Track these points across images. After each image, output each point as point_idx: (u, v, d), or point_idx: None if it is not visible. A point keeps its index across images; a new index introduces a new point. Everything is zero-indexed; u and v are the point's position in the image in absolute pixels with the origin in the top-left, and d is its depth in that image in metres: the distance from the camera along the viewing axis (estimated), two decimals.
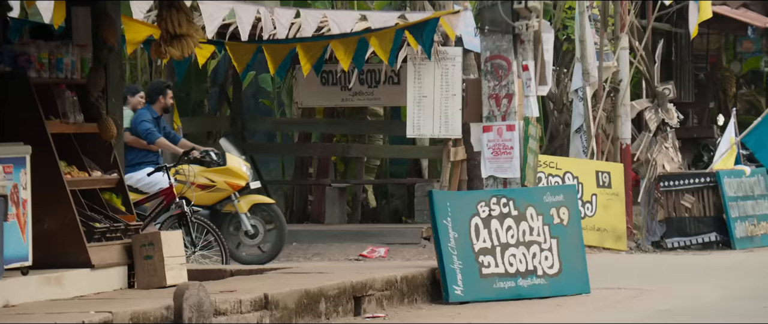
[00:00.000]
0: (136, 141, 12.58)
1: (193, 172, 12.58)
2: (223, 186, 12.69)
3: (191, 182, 12.47)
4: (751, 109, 22.79)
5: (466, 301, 9.96)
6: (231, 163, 12.79)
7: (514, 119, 10.63)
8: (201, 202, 12.71)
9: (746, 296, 10.17)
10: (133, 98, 12.87)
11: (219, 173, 12.73)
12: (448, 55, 13.54)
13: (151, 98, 12.72)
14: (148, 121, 12.59)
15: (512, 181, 10.69)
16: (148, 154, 12.71)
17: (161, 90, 12.77)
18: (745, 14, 20.28)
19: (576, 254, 10.39)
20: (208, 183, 12.66)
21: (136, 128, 12.61)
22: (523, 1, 10.59)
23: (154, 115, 12.67)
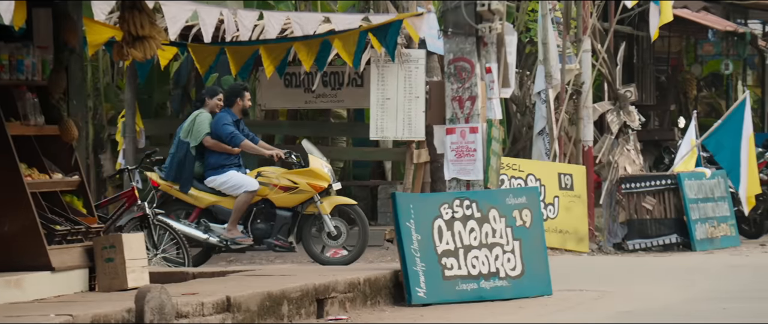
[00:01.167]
0: (216, 145, 12.57)
1: (277, 173, 12.57)
2: (305, 187, 12.69)
3: (274, 184, 12.42)
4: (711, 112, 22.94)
5: (428, 303, 9.97)
6: (313, 164, 12.79)
7: (477, 121, 10.65)
8: (283, 204, 12.73)
9: (706, 298, 10.24)
10: (211, 100, 12.79)
11: (301, 175, 12.74)
12: (411, 58, 13.55)
13: (229, 101, 12.69)
14: (229, 124, 12.57)
15: (475, 183, 10.71)
16: (230, 156, 12.68)
17: (239, 92, 12.75)
18: (706, 17, 20.41)
19: (538, 256, 10.43)
20: (290, 185, 12.67)
21: (217, 132, 12.57)
22: (487, 3, 10.61)
23: (233, 117, 12.65)
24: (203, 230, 12.58)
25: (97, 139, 16.42)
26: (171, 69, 16.84)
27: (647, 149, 18.78)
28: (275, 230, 12.65)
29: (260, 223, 12.68)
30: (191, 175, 12.58)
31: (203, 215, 12.64)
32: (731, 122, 15.88)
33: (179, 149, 12.64)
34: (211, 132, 12.54)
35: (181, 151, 12.61)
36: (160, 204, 12.59)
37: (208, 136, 12.53)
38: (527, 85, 16.76)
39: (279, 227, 12.65)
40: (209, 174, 12.59)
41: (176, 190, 12.61)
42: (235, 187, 12.50)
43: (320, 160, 12.81)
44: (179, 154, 12.63)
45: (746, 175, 15.82)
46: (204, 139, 12.53)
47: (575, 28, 16.09)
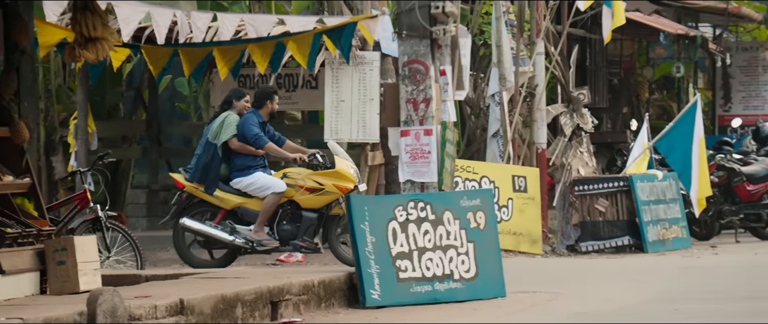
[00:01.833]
0: (242, 147, 12.50)
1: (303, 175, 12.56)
2: (331, 189, 12.66)
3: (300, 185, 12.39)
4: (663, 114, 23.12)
5: (383, 306, 9.98)
6: (339, 165, 12.76)
7: (432, 124, 10.67)
8: (309, 205, 12.70)
9: (659, 299, 10.31)
10: (238, 102, 12.74)
11: (327, 176, 12.72)
12: (365, 60, 13.55)
13: (259, 103, 12.63)
14: (255, 125, 12.51)
15: (429, 185, 10.73)
16: (256, 158, 12.63)
17: (269, 95, 12.69)
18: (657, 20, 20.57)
19: (492, 258, 10.46)
20: (316, 186, 12.64)
21: (242, 133, 12.51)
22: (441, 6, 10.63)
23: (260, 119, 12.59)
24: (229, 232, 12.55)
25: (49, 141, 16.30)
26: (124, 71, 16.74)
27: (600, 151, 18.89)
28: (301, 232, 12.64)
29: (286, 225, 12.67)
30: (217, 177, 12.54)
31: (228, 217, 12.61)
32: (682, 125, 16.00)
33: (206, 151, 12.59)
34: (237, 134, 12.49)
35: (207, 152, 12.56)
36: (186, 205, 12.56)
37: (235, 138, 12.46)
38: (481, 88, 16.81)
39: (305, 229, 12.63)
40: (235, 175, 12.55)
41: (201, 191, 12.57)
42: (262, 188, 12.48)
43: (346, 161, 12.83)
44: (206, 156, 12.58)
45: (697, 178, 15.95)
46: (230, 141, 12.50)
47: (529, 31, 16.16)
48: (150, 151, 16.26)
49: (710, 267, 13.41)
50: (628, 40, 22.19)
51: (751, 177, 17.27)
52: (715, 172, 17.23)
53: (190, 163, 12.70)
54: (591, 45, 20.70)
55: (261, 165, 12.64)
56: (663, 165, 16.63)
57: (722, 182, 17.29)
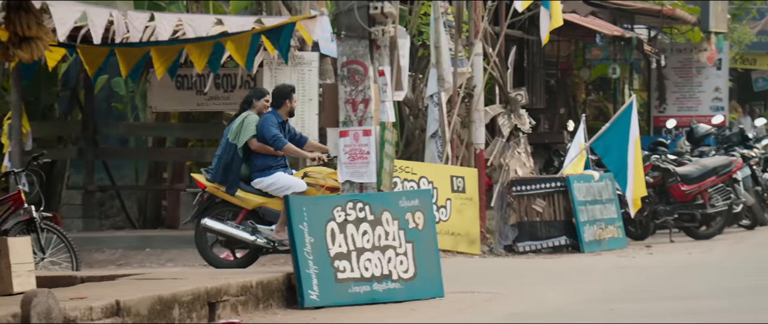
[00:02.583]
0: (262, 147, 12.39)
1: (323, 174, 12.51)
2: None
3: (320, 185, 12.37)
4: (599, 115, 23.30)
5: (321, 306, 9.97)
6: None
7: (371, 124, 10.68)
8: None
9: (595, 299, 10.39)
10: (258, 102, 12.60)
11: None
12: (304, 60, 13.53)
13: (277, 102, 12.49)
14: (274, 126, 12.40)
15: (368, 185, 10.73)
16: (276, 158, 12.53)
17: (287, 94, 12.56)
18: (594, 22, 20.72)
19: (431, 258, 10.48)
20: (337, 185, 12.56)
21: (261, 133, 12.41)
22: (379, 6, 10.64)
23: (279, 119, 12.47)
24: (250, 232, 12.50)
25: None
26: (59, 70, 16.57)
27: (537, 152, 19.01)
28: None
29: None
30: (238, 177, 12.47)
31: (250, 216, 12.57)
32: (618, 126, 16.14)
33: (226, 151, 12.52)
34: (257, 134, 12.44)
35: (228, 152, 12.49)
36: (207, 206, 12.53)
37: (254, 138, 12.39)
38: (420, 88, 16.84)
39: None
40: (256, 176, 12.50)
41: (223, 192, 12.50)
42: (283, 188, 12.43)
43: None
44: (226, 156, 12.51)
45: (633, 178, 16.09)
46: (250, 142, 12.43)
47: (467, 32, 16.22)
48: (86, 152, 16.12)
49: (645, 267, 13.54)
50: (564, 41, 22.35)
51: (685, 177, 17.46)
52: (650, 173, 17.40)
53: (211, 164, 12.68)
54: (528, 46, 20.83)
55: (282, 165, 12.60)
56: (599, 165, 16.76)
57: (657, 183, 17.47)
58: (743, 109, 29.72)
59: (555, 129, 21.31)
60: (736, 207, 17.80)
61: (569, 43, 22.74)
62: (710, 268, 13.27)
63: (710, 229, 17.62)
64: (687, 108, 24.40)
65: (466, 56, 16.15)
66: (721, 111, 23.87)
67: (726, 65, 24.71)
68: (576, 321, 9.05)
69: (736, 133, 20.62)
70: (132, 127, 16.91)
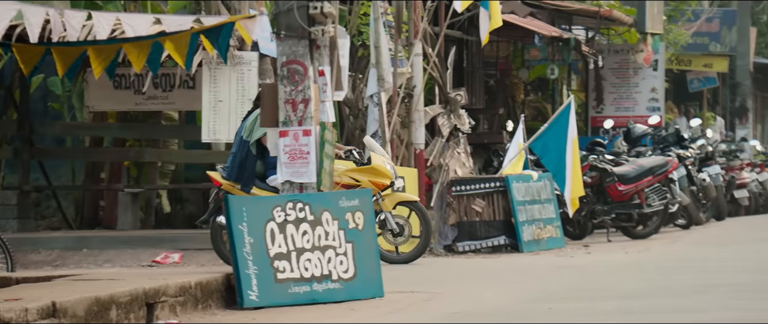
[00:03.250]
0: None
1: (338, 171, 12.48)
2: (367, 185, 12.63)
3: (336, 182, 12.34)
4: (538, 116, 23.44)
5: (261, 307, 9.95)
6: (376, 161, 12.71)
7: (311, 124, 10.67)
8: None
9: (533, 298, 10.46)
10: None
11: (364, 172, 12.68)
12: (244, 60, 13.49)
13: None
14: None
15: (308, 185, 10.72)
16: None
17: None
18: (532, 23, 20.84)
19: (371, 258, 10.50)
20: (352, 182, 12.53)
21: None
22: (319, 6, 10.64)
23: None
24: None
25: None
26: None
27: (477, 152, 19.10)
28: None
29: None
30: (253, 174, 12.44)
31: None
32: (557, 126, 16.25)
33: (241, 148, 12.49)
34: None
35: (242, 150, 12.46)
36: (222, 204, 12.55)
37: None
38: (360, 88, 16.85)
39: None
40: (271, 173, 12.45)
41: (238, 189, 12.49)
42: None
43: (382, 157, 12.78)
44: (241, 154, 12.48)
45: (571, 178, 16.21)
46: (263, 139, 12.41)
47: (407, 32, 16.26)
48: (21, 152, 15.95)
49: (583, 266, 13.64)
50: (504, 42, 22.46)
51: (622, 177, 17.63)
52: (588, 173, 17.55)
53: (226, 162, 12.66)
54: (468, 46, 20.91)
55: None
56: (538, 165, 16.87)
57: (595, 182, 17.62)
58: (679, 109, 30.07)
59: (494, 129, 21.42)
60: (672, 207, 18.01)
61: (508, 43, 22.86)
62: (647, 268, 13.41)
63: (647, 228, 17.80)
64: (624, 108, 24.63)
65: (405, 56, 16.19)
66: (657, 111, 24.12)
67: (662, 66, 24.98)
68: (514, 320, 9.11)
69: (672, 134, 20.85)
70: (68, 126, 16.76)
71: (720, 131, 29.46)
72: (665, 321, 8.66)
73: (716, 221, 21.83)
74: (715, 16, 29.87)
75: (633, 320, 8.78)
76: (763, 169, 25.26)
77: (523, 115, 17.75)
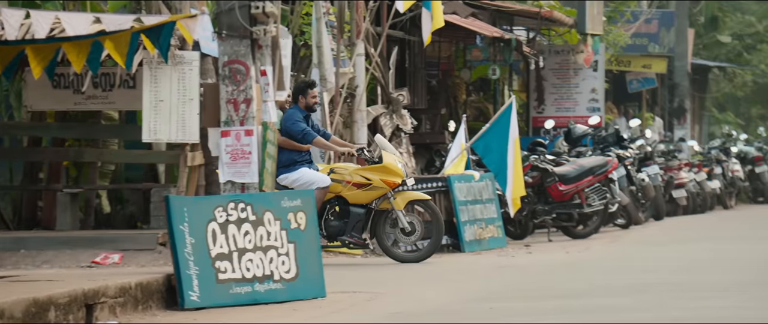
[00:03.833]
0: (286, 142, 12.27)
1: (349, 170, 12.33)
2: (379, 184, 12.55)
3: (347, 181, 12.13)
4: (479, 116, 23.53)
5: (202, 307, 9.90)
6: (387, 160, 12.63)
7: (253, 124, 10.63)
8: (357, 201, 12.62)
9: (474, 298, 10.50)
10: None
11: (375, 171, 12.61)
12: (185, 59, 13.40)
13: (294, 98, 12.47)
14: (300, 121, 12.27)
15: (250, 185, 10.69)
16: (301, 153, 12.43)
17: (302, 90, 12.51)
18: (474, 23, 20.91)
19: (313, 259, 10.48)
20: (364, 181, 12.42)
21: (287, 129, 12.23)
22: (261, 6, 10.61)
23: (303, 114, 12.38)
24: None
25: None
26: None
27: (419, 152, 19.14)
28: (349, 227, 12.63)
29: (334, 221, 12.64)
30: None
31: None
32: (498, 126, 16.33)
33: None
34: (281, 129, 12.26)
35: None
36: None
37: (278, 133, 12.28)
38: None
39: (353, 224, 12.60)
40: (281, 171, 12.35)
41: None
42: (307, 183, 12.32)
43: (394, 156, 12.73)
44: None
45: (512, 178, 16.29)
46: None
47: (349, 32, 16.26)
48: None
49: (524, 266, 13.71)
50: (445, 42, 22.52)
51: (563, 177, 17.75)
52: (529, 173, 17.64)
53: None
54: (410, 47, 20.94)
55: (306, 160, 12.58)
56: (480, 165, 16.93)
57: (536, 182, 17.72)
58: (619, 110, 30.32)
59: (436, 129, 21.47)
60: (612, 206, 18.16)
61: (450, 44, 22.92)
62: (587, 267, 13.51)
63: (587, 228, 17.94)
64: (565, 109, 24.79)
65: (348, 56, 16.19)
66: (597, 112, 24.30)
67: (602, 67, 25.17)
68: (455, 320, 9.14)
69: (611, 134, 21.02)
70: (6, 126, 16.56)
71: (658, 131, 29.75)
72: (605, 320, 8.73)
73: (655, 221, 22.05)
74: (654, 18, 30.17)
75: (573, 319, 8.84)
76: (701, 169, 25.55)
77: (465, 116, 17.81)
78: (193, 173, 13.74)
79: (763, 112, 43.58)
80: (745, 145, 29.60)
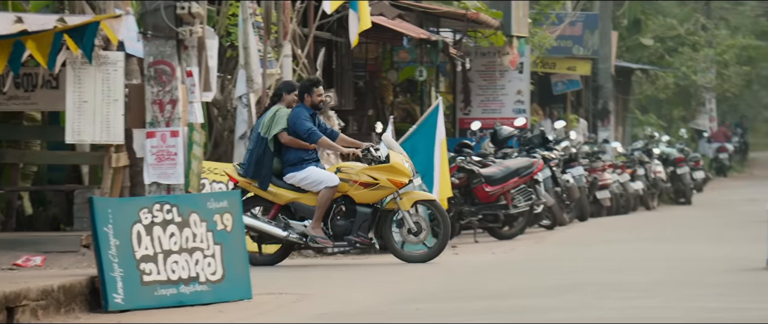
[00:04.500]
0: (292, 141, 12.12)
1: (356, 169, 12.24)
2: (385, 183, 12.48)
3: (353, 180, 12.10)
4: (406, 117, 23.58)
5: (126, 309, 9.81)
6: (394, 159, 12.56)
7: (178, 125, 10.56)
8: (364, 200, 12.55)
9: (401, 299, 10.52)
10: (288, 96, 12.38)
11: (382, 171, 12.53)
12: (109, 60, 13.27)
13: (299, 97, 12.36)
14: (307, 120, 12.14)
15: (176, 187, 10.62)
16: (308, 151, 12.31)
17: (307, 88, 12.40)
18: (401, 25, 20.95)
19: (239, 260, 10.43)
20: (370, 181, 12.29)
21: (294, 128, 12.10)
22: (187, 6, 10.54)
23: (310, 112, 12.27)
24: (283, 227, 12.39)
25: None
26: None
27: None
28: (355, 227, 12.59)
29: (340, 220, 12.59)
30: (270, 172, 12.30)
31: (282, 212, 12.42)
32: (425, 127, 16.37)
33: (258, 145, 12.33)
34: (287, 128, 12.05)
35: (259, 147, 12.32)
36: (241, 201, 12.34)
37: (285, 131, 12.11)
38: (229, 89, 16.74)
39: (359, 224, 12.55)
40: (288, 170, 12.19)
41: (255, 186, 12.35)
42: (315, 182, 12.15)
43: (401, 155, 12.62)
44: (258, 150, 12.33)
45: (439, 179, 16.33)
46: (280, 135, 12.23)
47: (276, 33, 16.21)
48: None
49: (451, 267, 13.76)
50: (373, 43, 22.54)
51: (489, 178, 17.84)
52: (456, 174, 17.71)
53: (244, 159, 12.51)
54: (337, 48, 20.93)
55: (314, 159, 12.51)
56: None
57: (462, 184, 17.79)
58: (544, 111, 30.56)
59: (363, 130, 21.48)
60: (538, 207, 18.29)
61: (377, 45, 22.94)
62: (513, 268, 13.59)
63: (513, 229, 18.05)
64: (491, 110, 24.93)
65: (275, 57, 16.13)
66: (523, 114, 24.47)
67: (527, 69, 25.35)
68: (382, 321, 9.14)
69: (537, 136, 21.18)
70: None
71: (583, 133, 30.03)
72: (532, 320, 8.79)
73: (579, 222, 22.25)
74: (578, 20, 30.44)
75: (500, 320, 8.88)
76: (624, 170, 25.83)
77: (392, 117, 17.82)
78: (117, 174, 13.61)
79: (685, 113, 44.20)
80: (667, 147, 29.98)
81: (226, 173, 13.03)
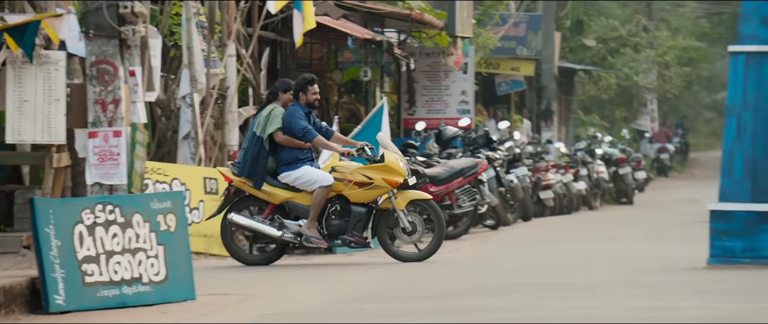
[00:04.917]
0: (288, 140, 12.01)
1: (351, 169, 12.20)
2: (380, 183, 12.39)
3: (348, 180, 12.08)
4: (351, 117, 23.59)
5: (68, 311, 9.73)
6: (389, 159, 12.45)
7: (121, 125, 10.48)
8: (358, 200, 12.47)
9: (346, 299, 10.52)
10: (284, 95, 12.26)
11: (377, 170, 12.44)
12: (50, 59, 13.15)
13: (294, 95, 12.26)
14: (302, 119, 12.02)
15: (119, 187, 10.54)
16: (303, 151, 12.20)
17: (302, 87, 12.29)
18: (345, 25, 20.96)
19: (183, 261, 10.38)
20: (365, 180, 12.16)
21: (289, 126, 11.99)
22: (129, 5, 10.47)
23: (305, 111, 12.17)
24: (277, 227, 12.33)
25: None
26: None
27: None
28: (350, 226, 12.51)
29: (335, 220, 12.52)
30: (265, 171, 12.22)
31: (277, 211, 12.33)
32: (370, 127, 16.39)
33: (253, 144, 12.22)
34: (283, 127, 11.88)
35: (254, 146, 12.22)
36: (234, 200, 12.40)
37: (280, 131, 12.02)
38: (172, 89, 16.65)
39: (354, 223, 12.48)
40: (283, 169, 12.08)
41: (250, 186, 12.26)
42: (310, 182, 12.04)
43: (395, 155, 12.54)
44: (253, 149, 12.24)
45: None
46: (275, 134, 12.13)
47: (220, 33, 16.14)
48: None
49: (396, 267, 13.78)
50: (317, 43, 22.52)
51: (434, 178, 17.88)
52: None
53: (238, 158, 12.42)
54: (282, 48, 20.89)
55: (309, 158, 12.44)
56: None
57: None
58: (488, 112, 30.70)
59: None
60: (482, 207, 18.36)
61: (322, 45, 22.93)
62: (458, 268, 13.63)
63: (457, 229, 18.10)
64: (436, 111, 25.00)
65: (219, 57, 16.07)
66: (467, 114, 24.56)
67: (472, 69, 25.45)
68: (327, 321, 9.14)
69: (481, 136, 21.26)
70: None
71: (526, 133, 30.20)
72: (476, 320, 8.82)
73: (523, 221, 22.36)
74: (522, 21, 30.61)
75: (444, 320, 8.91)
76: (567, 170, 26.00)
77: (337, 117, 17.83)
78: (59, 175, 13.49)
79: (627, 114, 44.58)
80: (609, 147, 30.22)
81: (220, 172, 12.99)
